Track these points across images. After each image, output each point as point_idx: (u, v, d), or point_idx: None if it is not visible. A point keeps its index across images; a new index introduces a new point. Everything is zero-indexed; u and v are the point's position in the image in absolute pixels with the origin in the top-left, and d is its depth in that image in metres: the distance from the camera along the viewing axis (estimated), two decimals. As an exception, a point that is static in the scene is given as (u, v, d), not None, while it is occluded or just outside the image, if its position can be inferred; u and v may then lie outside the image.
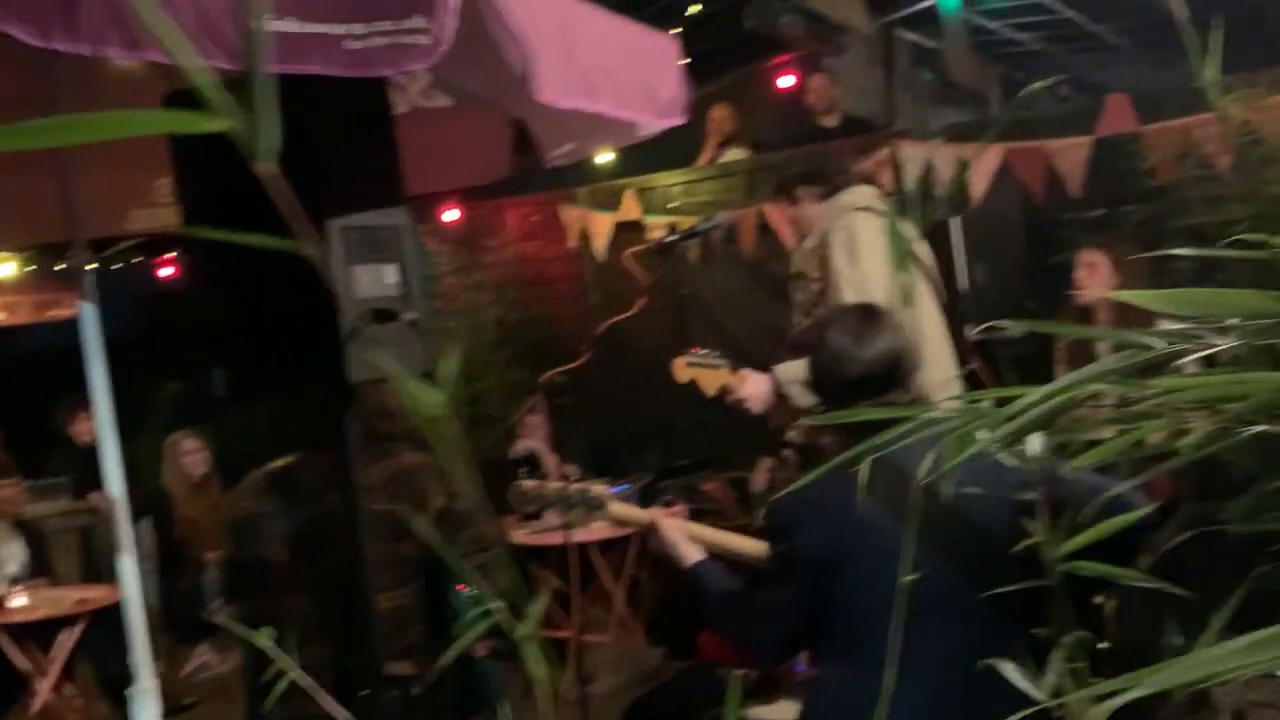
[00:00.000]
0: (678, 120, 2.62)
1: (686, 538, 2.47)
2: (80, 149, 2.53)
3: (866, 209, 3.65)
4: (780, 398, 3.34)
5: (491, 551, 3.07)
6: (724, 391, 3.37)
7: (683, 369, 3.60)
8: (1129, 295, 0.94)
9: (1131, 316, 3.78)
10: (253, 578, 3.19)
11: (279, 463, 3.13)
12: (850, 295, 3.44)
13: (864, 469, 2.16)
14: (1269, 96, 4.80)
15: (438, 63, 1.77)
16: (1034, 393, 0.98)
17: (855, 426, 2.22)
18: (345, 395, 2.46)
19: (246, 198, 2.03)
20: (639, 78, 2.40)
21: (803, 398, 3.31)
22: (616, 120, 2.58)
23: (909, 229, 3.77)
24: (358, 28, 1.73)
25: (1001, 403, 1.00)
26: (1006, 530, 2.11)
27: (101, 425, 2.31)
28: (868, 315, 2.37)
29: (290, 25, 1.68)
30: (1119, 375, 0.95)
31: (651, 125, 2.60)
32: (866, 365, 2.28)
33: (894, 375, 2.30)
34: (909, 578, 1.53)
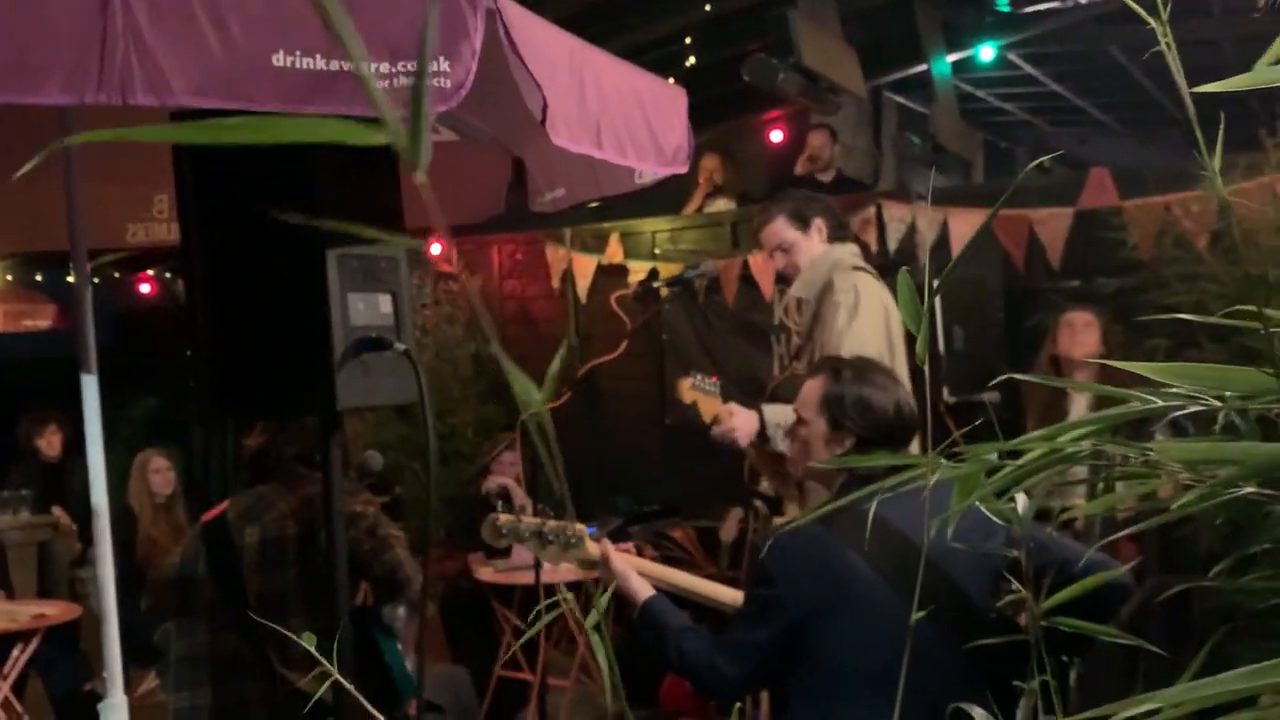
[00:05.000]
0: (681, 169, 2.66)
1: (635, 573, 2.45)
2: (85, 161, 2.54)
3: (862, 268, 3.68)
4: (762, 438, 3.35)
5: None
6: (715, 421, 3.38)
7: (687, 390, 3.65)
8: (1130, 365, 0.96)
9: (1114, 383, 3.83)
10: (184, 618, 3.17)
11: (214, 512, 3.13)
12: (845, 353, 3.46)
13: (856, 523, 2.18)
14: (1245, 180, 4.90)
15: (450, 105, 1.79)
16: (1035, 439, 1.00)
17: (859, 479, 2.26)
18: (330, 422, 2.45)
19: (248, 216, 2.05)
20: (647, 125, 2.43)
21: (785, 443, 3.33)
22: (613, 170, 2.61)
23: (887, 292, 3.79)
24: (384, 67, 1.76)
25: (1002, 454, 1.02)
26: (987, 590, 2.14)
27: (91, 447, 2.29)
28: (883, 370, 2.44)
29: (317, 63, 1.70)
30: (1110, 429, 0.97)
31: (653, 173, 2.64)
32: (889, 416, 2.33)
33: (906, 431, 2.36)
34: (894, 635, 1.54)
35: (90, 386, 2.26)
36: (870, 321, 3.49)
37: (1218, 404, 0.85)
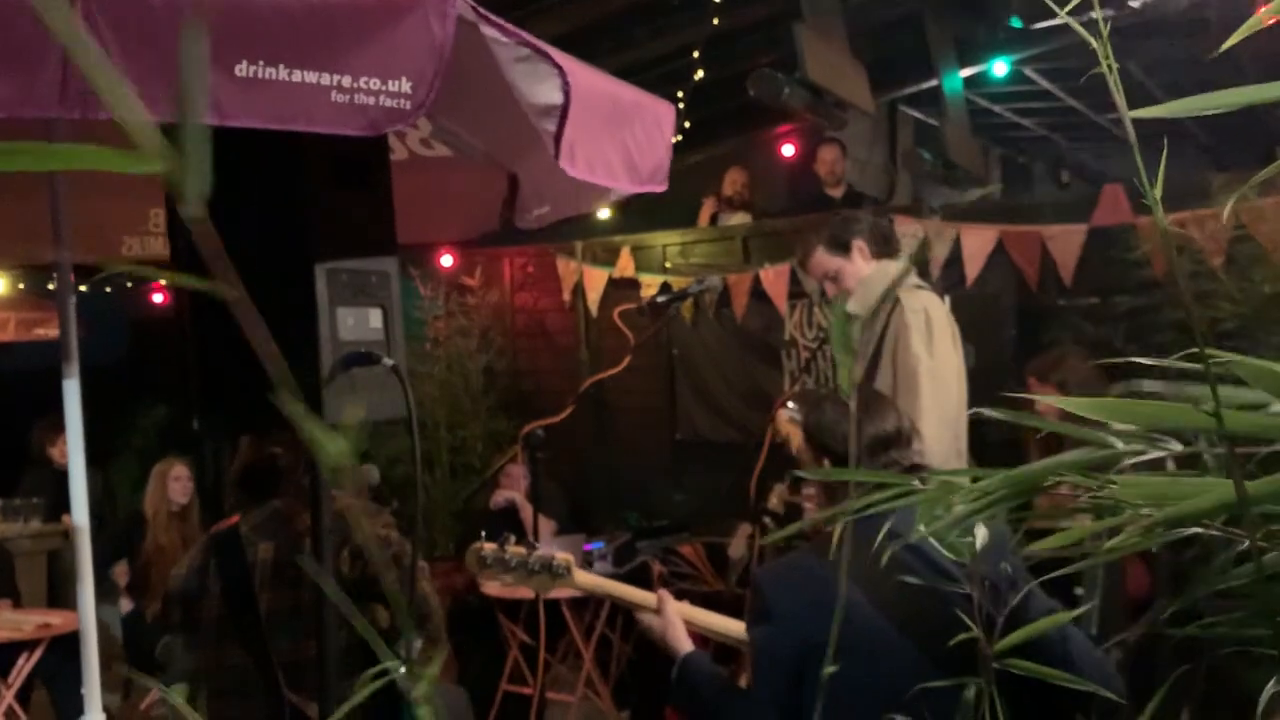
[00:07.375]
0: (658, 188, 2.62)
1: (681, 628, 2.41)
2: (74, 176, 2.54)
3: (924, 287, 3.67)
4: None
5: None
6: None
7: (786, 423, 3.58)
8: (1071, 404, 0.96)
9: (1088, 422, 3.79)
10: (189, 632, 3.15)
11: (224, 523, 3.11)
12: (926, 381, 3.42)
13: (854, 554, 2.13)
14: (1260, 197, 4.85)
15: (406, 124, 1.78)
16: (1002, 475, 0.99)
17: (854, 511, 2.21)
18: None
19: (237, 233, 2.03)
20: (625, 144, 2.41)
21: None
22: (591, 185, 2.58)
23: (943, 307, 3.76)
24: (345, 80, 1.74)
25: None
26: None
27: (73, 451, 2.28)
28: (877, 397, 2.41)
29: (279, 73, 1.68)
30: (1079, 469, 0.96)
31: (628, 190, 2.59)
32: (867, 441, 2.28)
33: (882, 458, 2.32)
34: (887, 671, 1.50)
35: (72, 392, 2.25)
36: (945, 343, 3.50)
37: (1175, 448, 0.82)
